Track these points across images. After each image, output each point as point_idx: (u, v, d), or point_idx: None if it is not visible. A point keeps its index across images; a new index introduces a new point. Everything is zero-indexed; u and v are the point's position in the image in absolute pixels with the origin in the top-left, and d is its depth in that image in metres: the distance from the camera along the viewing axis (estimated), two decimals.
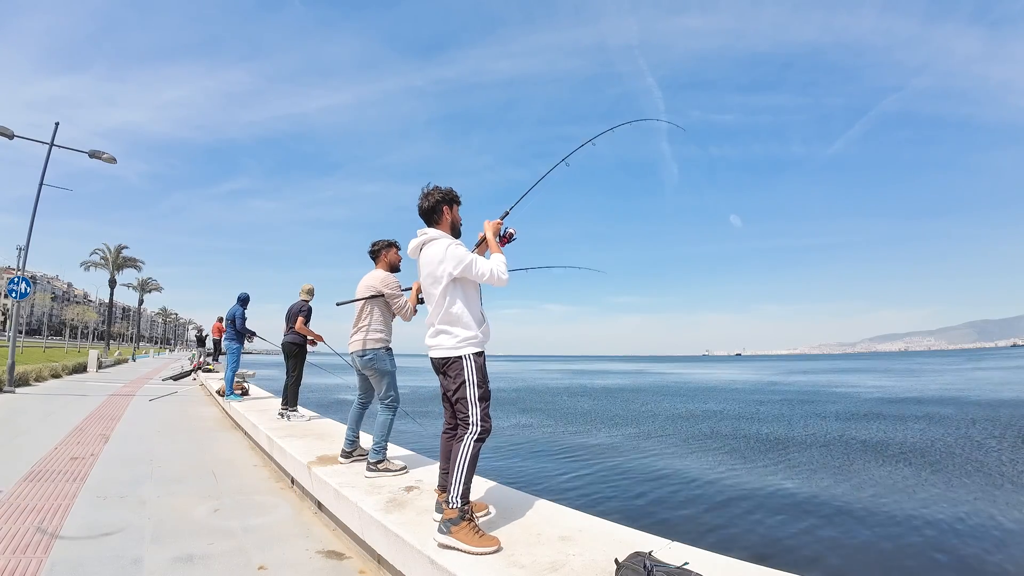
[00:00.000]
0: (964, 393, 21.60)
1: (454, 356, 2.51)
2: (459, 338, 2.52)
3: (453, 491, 2.33)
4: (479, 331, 2.57)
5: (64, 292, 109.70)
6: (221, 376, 10.83)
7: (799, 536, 5.43)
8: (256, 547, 2.89)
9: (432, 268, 2.60)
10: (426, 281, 2.66)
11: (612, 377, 41.81)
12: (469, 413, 2.46)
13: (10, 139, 10.85)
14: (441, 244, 2.61)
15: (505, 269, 2.61)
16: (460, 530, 2.24)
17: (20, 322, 12.47)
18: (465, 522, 2.27)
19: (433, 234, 2.68)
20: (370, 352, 3.79)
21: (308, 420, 6.22)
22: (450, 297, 2.55)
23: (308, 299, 6.79)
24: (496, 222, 2.80)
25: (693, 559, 2.08)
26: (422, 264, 2.70)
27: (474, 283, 2.65)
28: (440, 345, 2.56)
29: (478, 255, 2.67)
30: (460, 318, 2.54)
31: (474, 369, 2.50)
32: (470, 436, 2.42)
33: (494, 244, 2.73)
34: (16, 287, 11.42)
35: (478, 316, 2.61)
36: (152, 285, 55.98)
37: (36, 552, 2.69)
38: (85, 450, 5.23)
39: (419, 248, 2.72)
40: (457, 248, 2.59)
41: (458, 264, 2.52)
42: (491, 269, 2.57)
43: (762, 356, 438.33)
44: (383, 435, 3.69)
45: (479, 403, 2.47)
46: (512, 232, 2.85)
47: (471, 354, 2.51)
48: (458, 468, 2.36)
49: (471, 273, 2.54)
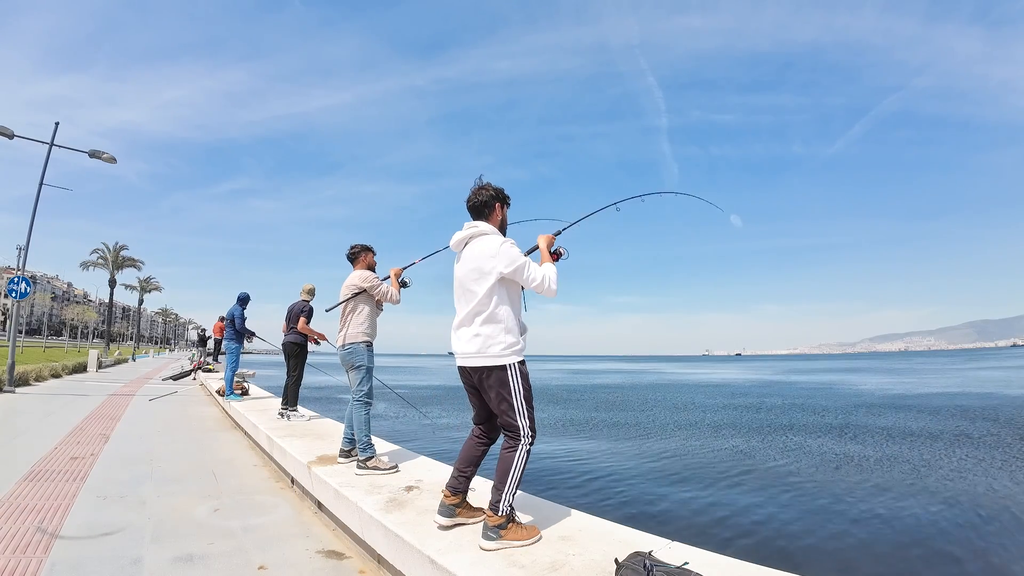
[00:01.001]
0: (964, 392, 21.60)
1: (497, 365, 2.39)
2: (503, 345, 2.39)
3: (504, 499, 2.32)
4: (521, 339, 2.47)
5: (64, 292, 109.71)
6: (221, 376, 10.83)
7: (799, 536, 5.43)
8: (256, 547, 2.89)
9: (480, 263, 2.45)
10: (468, 276, 2.49)
11: (611, 377, 41.80)
12: (518, 424, 2.37)
13: (10, 139, 10.85)
14: (494, 240, 2.49)
15: (556, 279, 2.50)
16: (509, 532, 2.31)
17: (20, 322, 12.48)
18: (512, 523, 2.34)
19: (485, 228, 2.56)
20: (349, 346, 3.94)
21: (308, 420, 6.22)
22: (497, 298, 2.42)
23: (309, 299, 6.80)
24: (550, 236, 2.77)
25: (693, 559, 2.08)
26: (467, 257, 2.53)
27: (518, 289, 2.55)
28: (481, 352, 2.41)
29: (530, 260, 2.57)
30: (505, 322, 2.42)
31: (519, 377, 2.40)
32: (523, 446, 2.37)
33: (547, 255, 2.65)
34: (16, 287, 11.42)
35: (521, 323, 2.53)
36: (152, 285, 55.95)
37: (36, 552, 2.69)
38: (85, 450, 5.23)
39: (466, 241, 2.58)
40: (512, 247, 2.47)
41: (511, 263, 2.41)
42: (544, 275, 2.46)
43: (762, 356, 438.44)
44: (364, 431, 3.74)
45: (527, 412, 2.39)
46: (562, 251, 2.77)
47: (515, 363, 2.41)
48: (511, 478, 2.33)
49: (521, 276, 2.44)
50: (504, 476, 2.34)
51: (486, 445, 2.62)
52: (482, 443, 2.62)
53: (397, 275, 4.09)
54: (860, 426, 12.93)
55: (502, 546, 2.28)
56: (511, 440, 2.40)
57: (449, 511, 2.50)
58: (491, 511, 2.33)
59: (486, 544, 2.29)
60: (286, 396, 6.54)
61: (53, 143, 11.72)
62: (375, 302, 4.10)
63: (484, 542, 2.30)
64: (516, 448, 2.37)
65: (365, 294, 3.99)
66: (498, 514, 2.31)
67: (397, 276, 4.09)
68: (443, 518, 2.49)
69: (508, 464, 2.35)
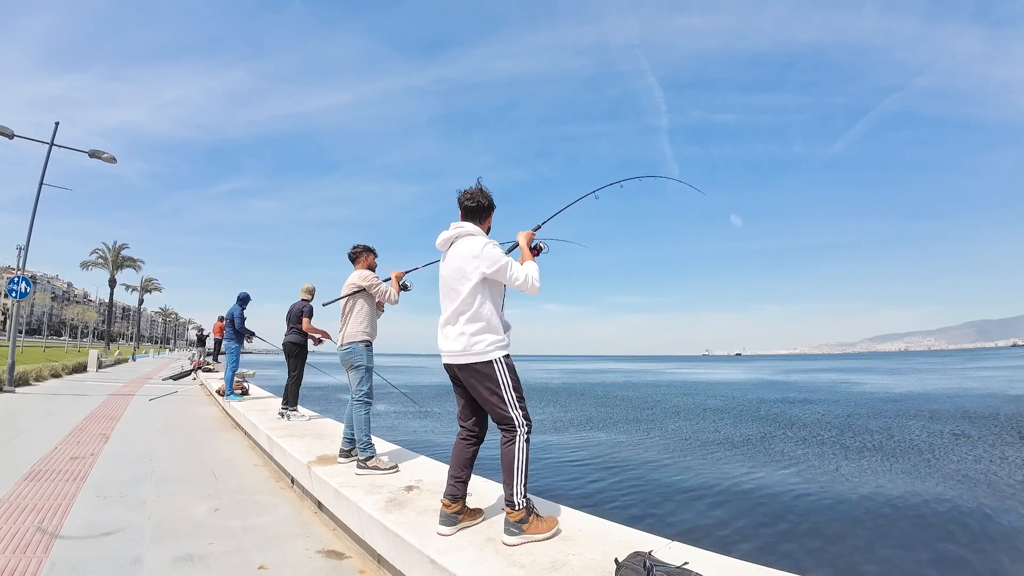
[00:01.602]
0: (965, 391, 21.61)
1: (482, 361, 2.44)
2: (487, 342, 2.45)
3: (516, 493, 2.35)
4: (505, 336, 2.53)
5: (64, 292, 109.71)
6: (221, 376, 10.84)
7: (800, 536, 5.43)
8: (256, 547, 2.89)
9: (463, 263, 2.51)
10: (452, 276, 2.56)
11: (611, 376, 41.80)
12: (511, 416, 2.41)
13: (10, 139, 10.85)
14: (477, 241, 2.55)
15: (538, 277, 2.58)
16: (531, 526, 2.35)
17: (20, 322, 12.48)
18: (532, 516, 2.38)
19: (470, 229, 2.62)
20: (348, 345, 3.93)
21: (308, 420, 6.22)
22: (480, 297, 2.48)
23: (309, 299, 6.80)
24: (529, 233, 2.82)
25: (693, 559, 2.08)
26: (451, 257, 2.60)
27: (501, 288, 2.61)
28: (466, 350, 2.46)
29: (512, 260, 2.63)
30: (489, 320, 2.48)
31: (506, 371, 2.46)
32: (520, 437, 2.41)
33: (527, 252, 2.72)
34: (16, 287, 11.42)
35: (504, 321, 2.58)
36: (152, 285, 55.91)
37: (36, 552, 2.69)
38: (85, 450, 5.23)
39: (451, 241, 2.63)
40: (495, 248, 2.53)
41: (493, 264, 2.47)
42: (526, 275, 2.53)
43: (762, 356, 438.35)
44: (364, 431, 3.74)
45: (518, 403, 2.44)
46: (542, 246, 2.84)
47: (501, 357, 2.46)
48: (517, 470, 2.37)
49: (504, 276, 2.50)
50: (510, 471, 2.38)
51: (475, 445, 2.63)
52: (470, 443, 2.62)
53: (398, 278, 4.09)
54: (860, 426, 12.94)
55: (524, 540, 2.32)
56: (507, 434, 2.43)
57: (451, 520, 2.49)
58: (508, 507, 2.38)
59: (509, 539, 2.34)
60: (286, 396, 6.54)
61: (53, 143, 11.72)
62: (376, 303, 4.12)
63: (507, 537, 2.35)
64: (514, 441, 2.41)
65: (365, 293, 4.00)
66: (515, 509, 2.35)
67: (398, 279, 4.09)
68: (446, 527, 2.47)
69: (510, 458, 2.39)
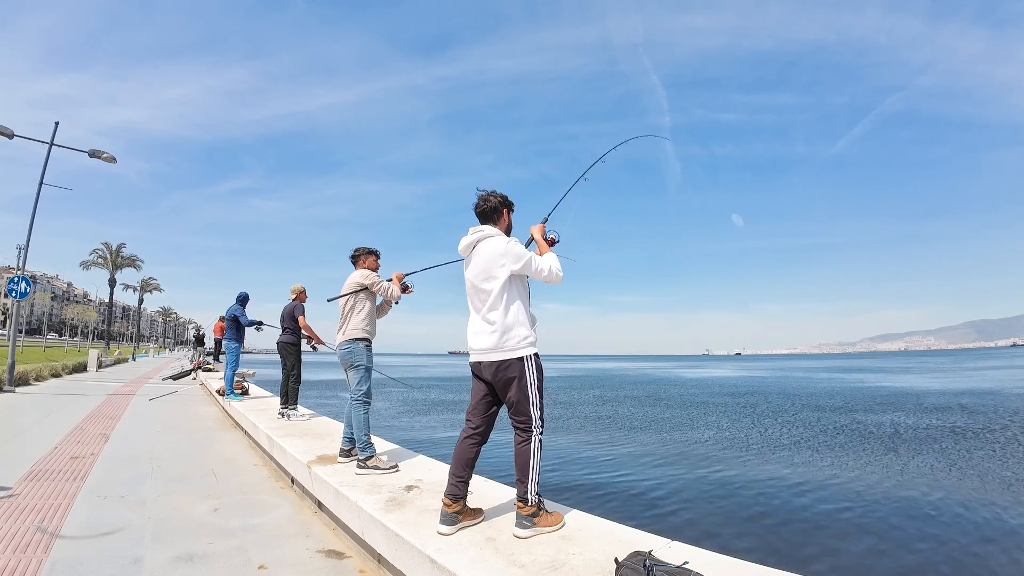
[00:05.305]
0: (965, 390, 21.61)
1: (514, 358, 2.50)
2: (519, 338, 2.52)
3: (530, 490, 2.44)
4: (533, 331, 2.59)
5: (64, 292, 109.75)
6: (221, 376, 10.84)
7: (800, 535, 5.43)
8: (256, 546, 2.89)
9: (488, 264, 2.58)
10: (478, 278, 2.62)
11: (611, 376, 41.79)
12: (531, 415, 2.49)
13: (10, 138, 10.84)
14: (500, 241, 2.62)
15: (560, 266, 2.66)
16: (541, 520, 2.45)
17: (20, 321, 12.48)
18: (542, 511, 2.48)
19: (490, 231, 2.68)
20: (348, 344, 3.92)
21: (308, 419, 6.22)
22: (508, 295, 2.55)
23: (299, 297, 6.87)
24: (541, 225, 2.92)
25: (693, 558, 2.08)
26: (476, 260, 2.66)
27: (526, 283, 2.69)
28: (498, 347, 2.52)
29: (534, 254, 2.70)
30: (519, 317, 2.56)
31: (535, 369, 2.53)
32: (536, 436, 2.49)
33: (543, 244, 2.82)
34: (16, 287, 11.42)
35: (531, 316, 2.65)
36: (152, 285, 55.91)
37: (36, 551, 2.69)
38: (85, 449, 5.23)
39: (473, 244, 2.69)
40: (516, 245, 2.61)
41: (518, 260, 2.55)
42: (550, 266, 2.62)
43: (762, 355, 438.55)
44: (364, 431, 3.73)
45: (540, 402, 2.52)
46: (554, 237, 2.91)
47: (531, 355, 2.53)
48: (532, 468, 2.46)
49: (530, 270, 2.58)
50: (525, 469, 2.47)
51: (478, 445, 2.64)
52: (474, 443, 2.64)
53: (400, 279, 4.10)
54: (861, 425, 12.93)
55: (535, 533, 2.42)
56: (523, 433, 2.51)
57: (452, 519, 2.50)
58: (521, 503, 2.46)
59: (520, 532, 2.41)
60: (286, 395, 6.54)
61: (53, 142, 11.72)
62: (378, 303, 4.12)
63: (518, 530, 2.42)
64: (529, 440, 2.49)
65: (366, 292, 4.01)
66: (528, 505, 2.44)
67: (400, 280, 4.10)
68: (446, 527, 2.48)
69: (526, 457, 2.48)
